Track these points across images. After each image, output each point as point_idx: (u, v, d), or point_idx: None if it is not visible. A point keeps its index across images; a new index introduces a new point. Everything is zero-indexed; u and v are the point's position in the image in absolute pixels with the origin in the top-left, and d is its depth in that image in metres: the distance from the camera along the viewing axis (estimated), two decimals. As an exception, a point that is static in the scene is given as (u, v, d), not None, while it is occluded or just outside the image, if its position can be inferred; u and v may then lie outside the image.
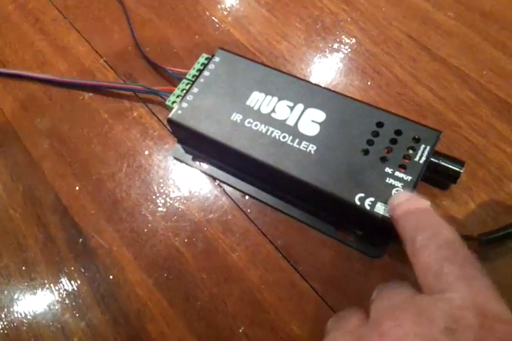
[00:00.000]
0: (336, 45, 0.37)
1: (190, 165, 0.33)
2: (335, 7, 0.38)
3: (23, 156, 0.35)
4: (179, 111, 0.30)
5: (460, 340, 0.16)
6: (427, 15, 0.37)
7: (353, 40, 0.37)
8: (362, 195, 0.25)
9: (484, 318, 0.16)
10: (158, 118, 0.35)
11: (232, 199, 0.31)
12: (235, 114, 0.29)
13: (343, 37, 0.37)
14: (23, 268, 0.31)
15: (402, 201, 0.23)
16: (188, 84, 0.32)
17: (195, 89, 0.31)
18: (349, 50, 0.36)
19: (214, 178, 0.32)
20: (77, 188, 0.33)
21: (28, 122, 0.36)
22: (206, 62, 0.32)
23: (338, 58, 0.36)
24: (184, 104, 0.30)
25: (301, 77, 0.35)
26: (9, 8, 0.44)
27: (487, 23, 0.36)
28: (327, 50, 0.37)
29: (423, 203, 0.22)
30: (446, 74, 0.34)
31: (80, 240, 0.31)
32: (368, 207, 0.25)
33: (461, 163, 0.26)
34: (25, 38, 0.41)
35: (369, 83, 0.34)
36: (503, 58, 0.34)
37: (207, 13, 0.40)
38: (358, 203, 0.25)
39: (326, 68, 0.36)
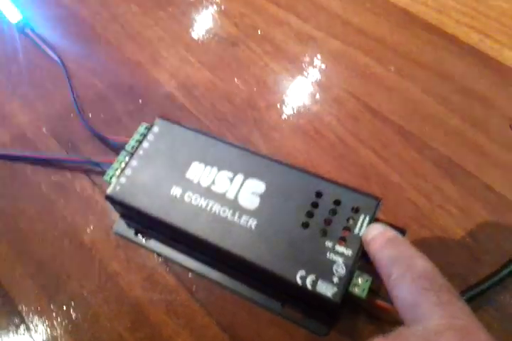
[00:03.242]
0: (277, 107, 0.38)
1: (133, 240, 0.33)
2: (277, 65, 0.40)
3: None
4: (117, 188, 0.30)
5: None
6: (368, 71, 0.38)
7: (295, 100, 0.38)
8: (303, 272, 0.25)
9: (462, 339, 0.17)
10: (100, 190, 0.35)
11: (176, 276, 0.31)
12: (174, 187, 0.29)
13: (284, 98, 0.38)
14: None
15: (375, 235, 0.24)
16: (126, 156, 0.32)
17: (134, 162, 0.31)
18: (291, 112, 0.37)
19: (158, 254, 0.32)
20: (19, 271, 0.32)
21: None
22: (146, 131, 0.32)
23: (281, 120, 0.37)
24: (122, 180, 0.30)
25: (244, 140, 0.36)
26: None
27: (427, 76, 0.38)
28: (271, 110, 0.37)
29: (396, 236, 0.24)
30: (389, 132, 0.34)
31: (23, 327, 0.30)
32: (309, 286, 0.24)
33: (402, 232, 0.26)
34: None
35: (311, 145, 0.35)
36: (444, 113, 0.35)
37: (151, 76, 0.41)
38: (299, 282, 0.25)
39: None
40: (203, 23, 0.43)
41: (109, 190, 0.30)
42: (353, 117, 0.35)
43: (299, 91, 0.38)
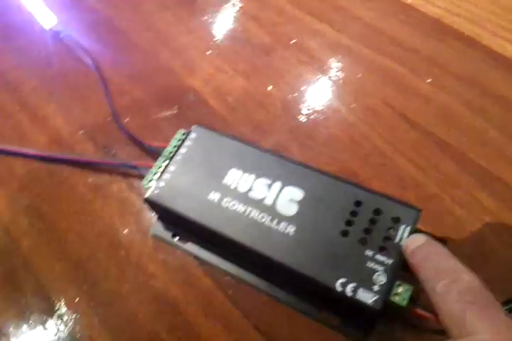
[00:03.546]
0: (313, 115, 0.38)
1: (170, 242, 0.33)
2: (311, 74, 0.40)
3: (2, 235, 0.35)
4: (156, 191, 0.30)
5: None
6: (404, 82, 0.38)
7: (330, 109, 0.38)
8: (343, 280, 0.25)
9: None
10: (137, 193, 0.36)
11: (213, 279, 0.31)
12: (212, 193, 0.30)
13: (320, 106, 0.38)
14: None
15: (417, 246, 0.24)
16: (165, 161, 0.32)
17: (172, 167, 0.31)
18: (327, 120, 0.37)
19: (195, 257, 0.32)
20: (58, 268, 0.33)
21: (6, 198, 0.37)
22: (183, 138, 0.33)
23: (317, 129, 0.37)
24: (161, 183, 0.31)
25: (280, 148, 0.36)
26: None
27: (464, 87, 0.38)
28: (307, 118, 0.38)
29: (439, 247, 0.24)
30: (426, 143, 0.35)
31: (61, 325, 0.31)
32: (350, 293, 0.25)
33: (443, 242, 0.26)
34: (3, 111, 0.42)
35: (348, 154, 0.35)
36: (482, 125, 0.35)
37: (185, 83, 0.41)
38: (339, 288, 0.25)
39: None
40: (237, 32, 0.44)
41: (148, 193, 0.30)
42: (389, 127, 0.36)
43: (334, 100, 0.38)
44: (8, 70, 0.45)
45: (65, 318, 0.31)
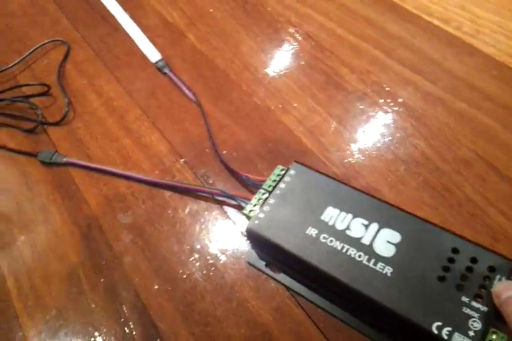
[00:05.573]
0: (406, 159, 0.40)
1: (263, 271, 0.36)
2: (403, 121, 0.43)
3: (106, 249, 0.39)
4: (256, 221, 0.33)
5: None
6: (494, 135, 0.40)
7: (423, 156, 0.40)
8: (439, 323, 0.27)
9: None
10: (233, 221, 0.39)
11: (305, 311, 0.33)
12: (310, 227, 0.32)
13: (412, 152, 0.41)
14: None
15: (504, 288, 0.26)
16: (264, 194, 0.35)
17: (271, 200, 0.34)
18: (419, 166, 0.40)
19: (287, 287, 0.34)
20: (156, 286, 0.36)
21: (111, 216, 0.41)
22: (282, 173, 0.36)
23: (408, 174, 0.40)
24: (261, 215, 0.33)
25: (370, 189, 0.38)
26: (95, 105, 0.50)
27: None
28: (399, 162, 0.40)
29: None
30: (517, 196, 0.36)
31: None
32: (445, 337, 0.26)
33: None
34: (110, 134, 0.47)
35: (439, 201, 0.37)
36: None
37: (280, 121, 0.45)
38: (435, 332, 0.26)
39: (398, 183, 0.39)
40: (330, 78, 0.48)
41: (250, 224, 0.33)
42: (480, 178, 0.37)
43: (426, 149, 0.40)
44: (115, 98, 0.51)
45: (164, 335, 0.34)
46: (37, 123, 0.49)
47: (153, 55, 0.54)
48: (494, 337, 0.26)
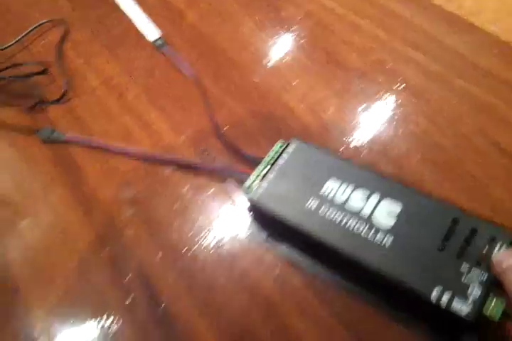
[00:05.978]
0: (407, 136, 0.41)
1: (264, 242, 0.36)
2: (404, 99, 0.43)
3: (109, 225, 0.39)
4: (258, 192, 0.34)
5: None
6: (496, 110, 0.40)
7: (424, 133, 0.40)
8: (439, 288, 0.27)
9: None
10: (235, 195, 0.39)
11: (304, 280, 0.34)
12: (309, 200, 0.32)
13: (413, 129, 0.41)
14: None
15: (505, 257, 0.27)
16: (263, 169, 0.35)
17: (271, 175, 0.34)
18: (420, 143, 0.40)
19: (287, 257, 0.35)
20: (158, 259, 0.37)
21: (112, 193, 0.41)
22: (281, 149, 0.36)
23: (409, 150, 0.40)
24: (263, 186, 0.34)
25: (372, 166, 0.39)
26: (94, 84, 0.50)
27: None
28: (399, 140, 0.41)
29: None
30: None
31: (161, 306, 0.35)
32: (444, 303, 0.27)
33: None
34: (109, 112, 0.47)
35: (440, 176, 0.37)
36: None
37: (280, 99, 0.45)
38: (434, 298, 0.27)
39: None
40: (331, 56, 0.48)
41: (251, 194, 0.34)
42: (482, 154, 0.38)
43: (427, 125, 0.41)
44: (114, 77, 0.50)
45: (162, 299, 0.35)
46: (36, 101, 0.49)
47: (152, 33, 0.54)
48: (493, 303, 0.26)
